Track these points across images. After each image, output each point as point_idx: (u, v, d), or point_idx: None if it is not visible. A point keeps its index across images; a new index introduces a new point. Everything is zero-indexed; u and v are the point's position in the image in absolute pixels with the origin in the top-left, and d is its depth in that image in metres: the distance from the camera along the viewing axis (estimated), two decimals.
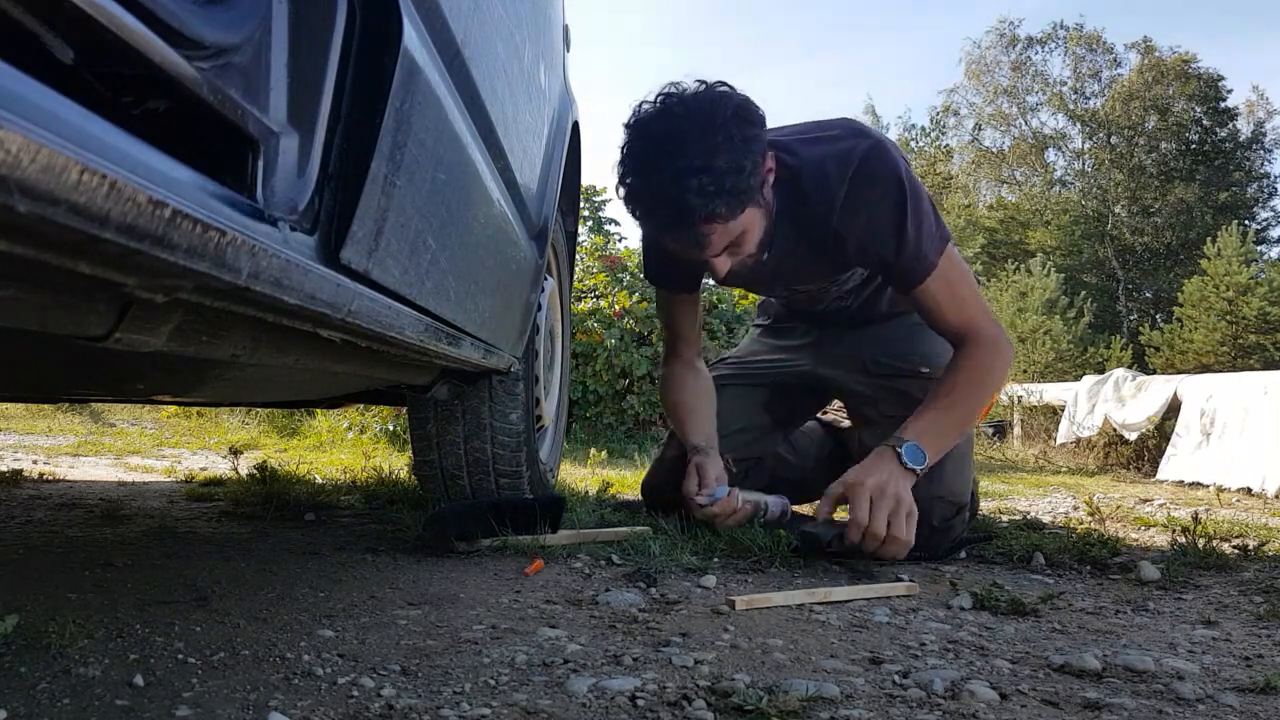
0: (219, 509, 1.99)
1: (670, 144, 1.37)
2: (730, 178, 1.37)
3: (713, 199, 1.37)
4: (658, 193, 1.39)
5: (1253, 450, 4.01)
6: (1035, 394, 7.00)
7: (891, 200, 1.53)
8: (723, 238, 1.45)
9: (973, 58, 27.70)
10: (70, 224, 0.34)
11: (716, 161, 1.35)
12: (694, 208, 1.37)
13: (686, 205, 1.37)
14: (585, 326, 5.60)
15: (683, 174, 1.35)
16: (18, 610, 0.98)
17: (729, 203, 1.39)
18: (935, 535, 1.66)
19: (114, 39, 0.40)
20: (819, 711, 0.80)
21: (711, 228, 1.42)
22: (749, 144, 1.40)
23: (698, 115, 1.38)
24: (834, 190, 1.53)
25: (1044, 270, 16.97)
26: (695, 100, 1.40)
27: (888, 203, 1.53)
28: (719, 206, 1.38)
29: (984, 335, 1.63)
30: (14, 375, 0.91)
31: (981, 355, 1.62)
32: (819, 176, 1.54)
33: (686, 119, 1.38)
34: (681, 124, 1.37)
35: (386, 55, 0.66)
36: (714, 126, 1.37)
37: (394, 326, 0.78)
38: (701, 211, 1.38)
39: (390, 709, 0.76)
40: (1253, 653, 1.05)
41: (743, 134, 1.39)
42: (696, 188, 1.35)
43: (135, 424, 5.73)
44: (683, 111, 1.39)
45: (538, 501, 1.62)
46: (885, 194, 1.53)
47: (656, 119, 1.41)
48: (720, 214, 1.39)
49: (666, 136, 1.38)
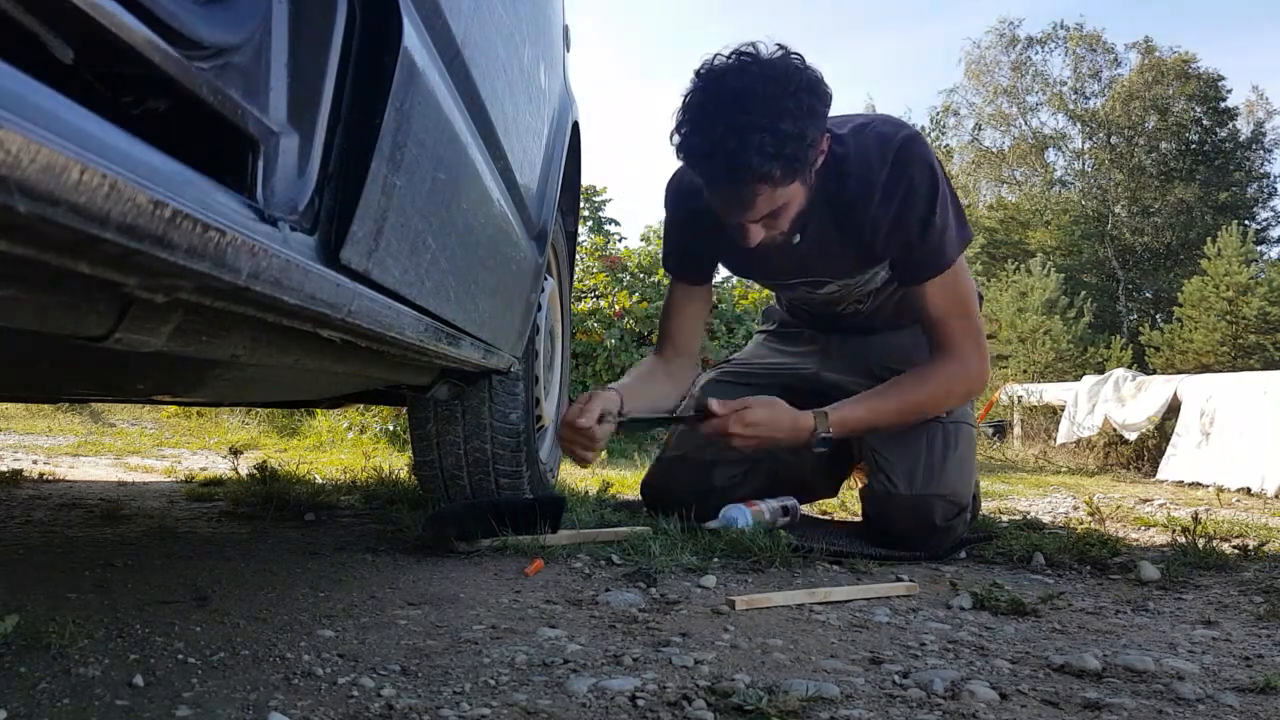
0: (219, 509, 1.99)
1: (741, 99, 1.37)
2: (791, 144, 1.38)
3: (770, 160, 1.37)
4: (719, 143, 1.39)
5: (1252, 450, 4.01)
6: (1035, 394, 7.00)
7: (925, 188, 1.55)
8: (767, 203, 1.46)
9: (973, 58, 27.71)
10: (70, 224, 0.34)
11: (782, 124, 1.36)
12: (751, 164, 1.37)
13: (744, 161, 1.37)
14: (585, 326, 5.60)
15: (746, 129, 1.36)
16: (18, 610, 0.98)
17: (784, 167, 1.40)
18: (936, 535, 1.66)
19: (114, 39, 0.40)
20: (819, 711, 0.80)
21: (761, 189, 1.43)
22: (815, 117, 1.41)
23: (773, 77, 1.38)
24: (875, 177, 1.55)
25: (1044, 270, 16.96)
26: (772, 63, 1.40)
27: (922, 190, 1.55)
28: (775, 169, 1.38)
29: (960, 357, 1.65)
30: (14, 375, 0.91)
31: (944, 376, 1.66)
32: (862, 163, 1.56)
33: (761, 78, 1.38)
34: (755, 82, 1.38)
35: (386, 55, 0.66)
36: (787, 92, 1.38)
37: (394, 326, 0.78)
38: (757, 170, 1.38)
39: (390, 709, 0.76)
40: (1253, 653, 1.05)
41: (811, 105, 1.40)
42: (757, 144, 1.36)
43: (135, 424, 5.73)
44: (758, 70, 1.39)
45: (538, 501, 1.62)
46: (920, 181, 1.55)
47: (731, 73, 1.41)
48: (774, 176, 1.40)
49: (738, 91, 1.38)
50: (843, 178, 1.56)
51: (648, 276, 5.85)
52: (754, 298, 5.92)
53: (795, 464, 2.06)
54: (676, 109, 1.45)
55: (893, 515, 1.69)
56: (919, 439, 1.70)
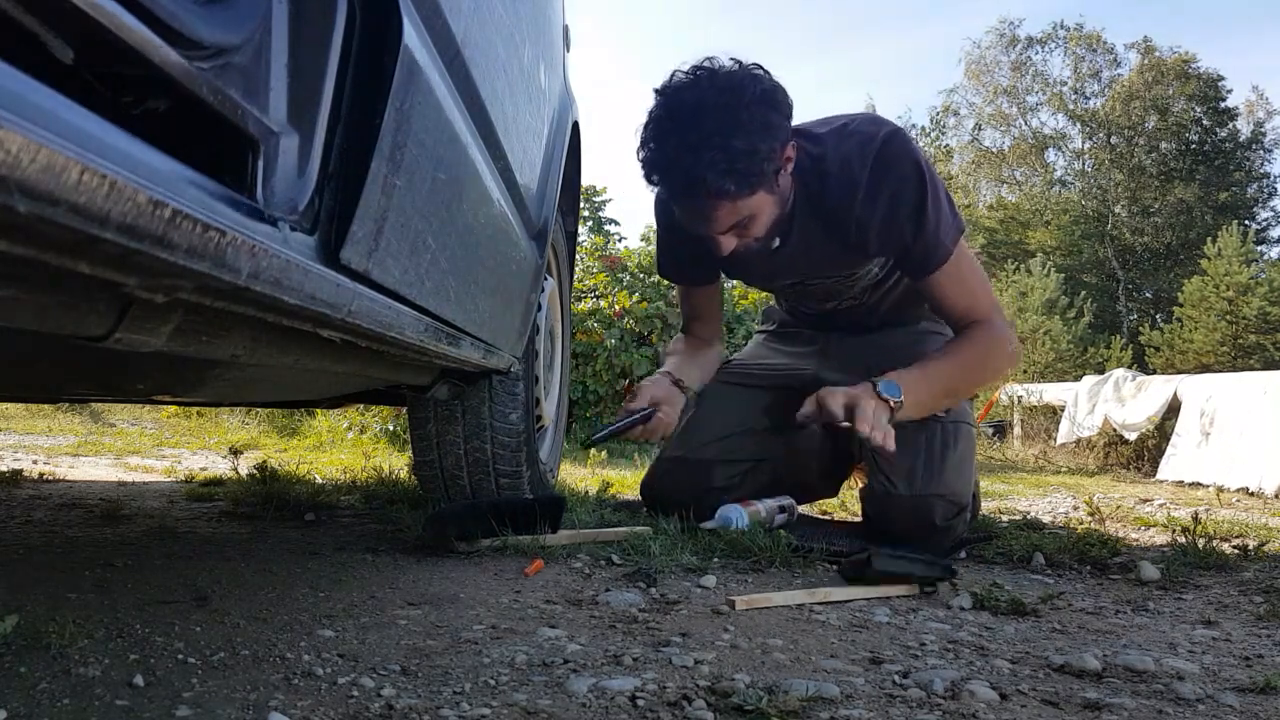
0: (219, 509, 1.99)
1: (693, 115, 1.39)
2: (744, 159, 1.39)
3: (723, 176, 1.39)
4: (673, 159, 1.41)
5: (1252, 450, 4.01)
6: (1035, 394, 7.00)
7: (912, 185, 1.55)
8: (729, 216, 1.47)
9: (973, 58, 27.70)
10: (70, 224, 0.34)
11: (734, 140, 1.37)
12: (704, 180, 1.39)
13: (697, 177, 1.39)
14: (585, 326, 5.60)
15: (698, 146, 1.37)
16: (18, 610, 0.98)
17: (738, 182, 1.41)
18: (936, 535, 1.66)
19: (114, 39, 0.40)
20: (819, 711, 0.80)
21: (719, 203, 1.44)
22: (770, 129, 1.42)
23: (725, 91, 1.40)
24: (857, 176, 1.56)
25: (1044, 270, 16.97)
26: (725, 77, 1.42)
27: (908, 187, 1.55)
28: (728, 184, 1.40)
29: (992, 324, 1.65)
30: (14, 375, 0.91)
31: (982, 339, 1.65)
32: (842, 163, 1.56)
33: (713, 93, 1.40)
34: (707, 97, 1.39)
35: (386, 55, 0.66)
36: (738, 105, 1.39)
37: (394, 326, 0.78)
38: (711, 185, 1.39)
39: (390, 709, 0.76)
40: (1253, 653, 1.05)
41: (765, 118, 1.41)
42: (709, 162, 1.37)
43: (135, 424, 5.73)
44: (710, 85, 1.41)
45: (538, 501, 1.62)
46: (906, 178, 1.55)
47: (685, 88, 1.43)
48: (728, 191, 1.41)
49: (691, 106, 1.40)
50: (824, 178, 1.57)
51: (648, 276, 5.85)
52: (754, 298, 5.92)
53: (795, 464, 2.06)
54: (640, 124, 1.48)
55: (893, 515, 1.69)
56: (918, 438, 1.70)
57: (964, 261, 1.64)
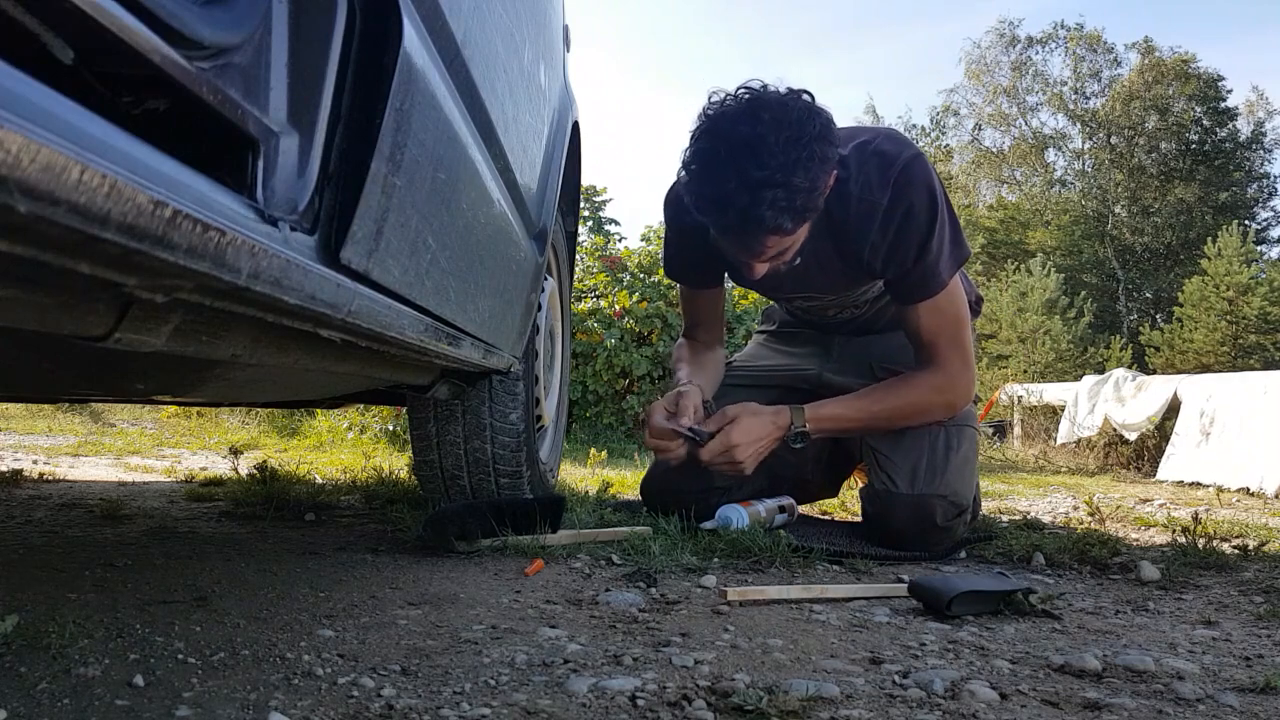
0: (219, 509, 1.99)
1: (754, 150, 1.33)
2: (803, 195, 1.35)
3: (783, 214, 1.35)
4: (731, 197, 1.35)
5: (1252, 450, 4.01)
6: (1035, 394, 7.00)
7: (925, 212, 1.54)
8: (777, 248, 1.46)
9: (973, 58, 27.70)
10: (70, 224, 0.34)
11: (795, 178, 1.33)
12: (763, 219, 1.35)
13: (756, 216, 1.35)
14: (585, 326, 5.60)
15: (760, 185, 1.32)
16: (18, 610, 0.98)
17: (796, 219, 1.38)
18: (937, 535, 1.66)
19: (114, 39, 0.40)
20: (819, 711, 0.80)
21: (771, 239, 1.42)
22: (826, 163, 1.39)
23: (786, 126, 1.34)
24: (877, 197, 1.54)
25: (1044, 270, 16.95)
26: (784, 109, 1.35)
27: (921, 214, 1.54)
28: (787, 222, 1.37)
29: (946, 368, 1.66)
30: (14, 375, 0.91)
31: (928, 385, 1.67)
32: (864, 183, 1.54)
33: (774, 128, 1.33)
34: (769, 132, 1.33)
35: (386, 55, 0.66)
36: (800, 142, 1.34)
37: (394, 326, 0.78)
38: (770, 224, 1.36)
39: (390, 709, 0.76)
40: (1253, 653, 1.05)
41: (824, 153, 1.38)
42: (770, 200, 1.33)
43: (135, 424, 5.73)
44: (770, 119, 1.34)
45: (538, 501, 1.62)
46: (919, 206, 1.53)
47: (742, 120, 1.35)
48: (787, 229, 1.39)
49: (751, 142, 1.33)
50: (844, 199, 1.54)
51: (648, 276, 5.85)
52: (754, 298, 5.92)
53: (795, 464, 2.06)
54: (685, 148, 1.43)
55: (893, 515, 1.69)
56: (921, 439, 1.71)
57: (953, 299, 1.64)
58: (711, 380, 1.84)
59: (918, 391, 1.67)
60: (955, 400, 1.69)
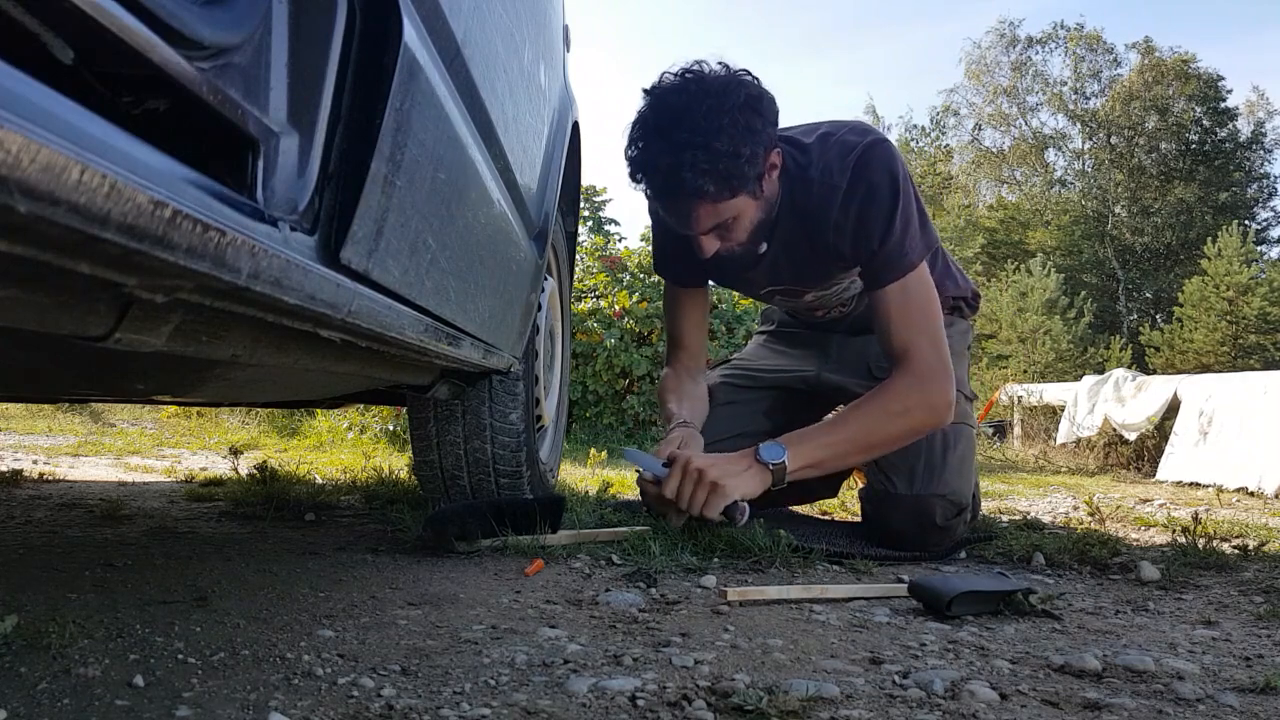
0: (219, 509, 1.99)
1: (677, 116, 1.41)
2: (725, 160, 1.40)
3: (703, 176, 1.41)
4: (655, 159, 1.43)
5: (1252, 450, 4.01)
6: (1035, 394, 7.01)
7: (886, 191, 1.56)
8: (709, 217, 1.49)
9: (973, 58, 27.71)
10: (70, 224, 0.34)
11: (715, 142, 1.39)
12: (684, 180, 1.41)
13: (678, 177, 1.41)
14: (585, 326, 5.60)
15: (680, 147, 1.40)
16: (18, 610, 0.98)
17: (718, 184, 1.42)
18: (936, 535, 1.66)
19: (114, 39, 0.40)
20: (819, 711, 0.80)
21: (698, 204, 1.46)
22: (752, 134, 1.44)
23: (710, 94, 1.42)
24: (837, 181, 1.57)
25: (1044, 270, 16.96)
26: (712, 80, 1.44)
27: (882, 193, 1.56)
28: (708, 185, 1.42)
29: (918, 364, 1.56)
30: (14, 375, 0.91)
31: (901, 389, 1.56)
32: (824, 170, 1.58)
33: (699, 96, 1.42)
34: (693, 100, 1.41)
35: (386, 55, 0.66)
36: (722, 109, 1.41)
37: (394, 326, 0.78)
38: (690, 185, 1.41)
39: (390, 709, 0.76)
40: (1253, 653, 1.05)
41: (748, 122, 1.43)
42: (690, 162, 1.39)
43: (135, 424, 5.73)
44: (697, 88, 1.43)
45: (538, 501, 1.62)
46: (880, 184, 1.56)
47: (672, 91, 1.45)
48: (708, 193, 1.43)
49: (676, 108, 1.42)
50: (806, 185, 1.58)
51: (648, 276, 5.85)
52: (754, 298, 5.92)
53: None
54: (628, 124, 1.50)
55: (893, 515, 1.69)
56: (919, 440, 1.71)
57: (921, 286, 1.59)
58: (699, 413, 1.81)
59: (888, 396, 1.56)
60: (935, 400, 1.56)
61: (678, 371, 1.88)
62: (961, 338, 2.00)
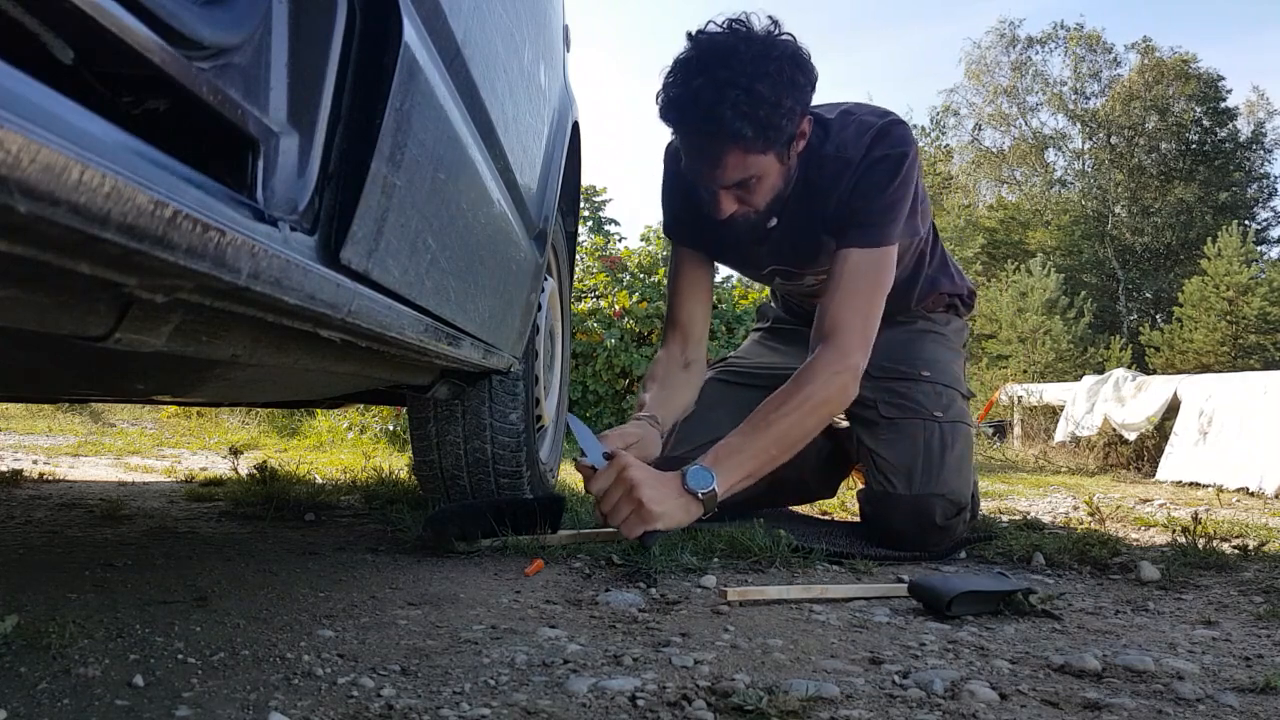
0: (219, 509, 1.99)
1: (724, 56, 1.40)
2: (766, 107, 1.39)
3: (743, 119, 1.38)
4: (696, 95, 1.40)
5: (1252, 450, 4.00)
6: (1035, 394, 7.00)
7: (891, 165, 1.56)
8: (737, 169, 1.46)
9: (973, 58, 27.71)
10: (70, 224, 0.34)
11: (759, 86, 1.38)
12: (724, 120, 1.38)
13: (717, 115, 1.38)
14: (585, 326, 5.60)
15: (724, 84, 1.37)
16: (18, 610, 0.98)
17: (755, 129, 1.40)
18: (936, 535, 1.66)
19: (114, 39, 0.40)
20: (819, 711, 0.80)
21: (731, 148, 1.43)
22: (796, 88, 1.43)
23: (757, 42, 1.41)
24: (850, 155, 1.57)
25: (1044, 270, 16.95)
26: (760, 31, 1.44)
27: (886, 165, 1.56)
28: (746, 128, 1.39)
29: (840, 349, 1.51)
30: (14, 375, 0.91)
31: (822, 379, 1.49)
32: (839, 144, 1.58)
33: (746, 41, 1.41)
34: (739, 43, 1.41)
35: (386, 55, 0.66)
36: (769, 56, 1.40)
37: (394, 326, 0.78)
38: (729, 125, 1.39)
39: (390, 709, 0.76)
40: (1253, 653, 1.05)
41: (792, 76, 1.42)
42: (732, 100, 1.37)
43: (135, 424, 5.73)
44: (745, 34, 1.42)
45: (538, 501, 1.62)
46: (887, 158, 1.56)
47: (718, 35, 1.44)
48: (745, 136, 1.40)
49: (723, 48, 1.41)
50: (821, 161, 1.58)
51: (648, 276, 5.85)
52: (754, 297, 5.92)
53: (793, 464, 2.06)
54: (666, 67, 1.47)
55: (892, 515, 1.69)
56: (916, 439, 1.71)
57: (879, 268, 1.56)
58: (678, 408, 1.70)
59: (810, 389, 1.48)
60: (848, 386, 1.51)
61: (669, 356, 1.77)
62: (958, 336, 2.00)
